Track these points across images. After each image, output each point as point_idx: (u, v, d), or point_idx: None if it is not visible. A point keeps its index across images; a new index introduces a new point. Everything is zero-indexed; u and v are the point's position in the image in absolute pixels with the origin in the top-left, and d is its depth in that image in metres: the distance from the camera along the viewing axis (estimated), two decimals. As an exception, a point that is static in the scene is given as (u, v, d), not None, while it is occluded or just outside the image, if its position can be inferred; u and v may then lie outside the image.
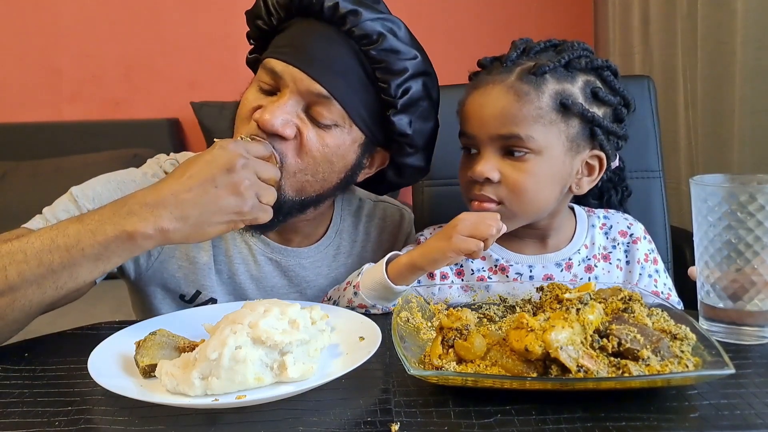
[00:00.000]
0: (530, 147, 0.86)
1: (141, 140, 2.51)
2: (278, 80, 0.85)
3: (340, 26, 0.85)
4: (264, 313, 0.64)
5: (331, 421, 0.56)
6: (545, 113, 0.86)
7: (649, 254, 0.98)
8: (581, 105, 0.87)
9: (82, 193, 0.91)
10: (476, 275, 0.97)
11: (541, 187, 0.88)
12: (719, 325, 0.71)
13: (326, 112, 0.85)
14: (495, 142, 0.88)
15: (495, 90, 0.88)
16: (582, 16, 2.62)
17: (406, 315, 0.72)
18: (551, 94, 0.86)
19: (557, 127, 0.87)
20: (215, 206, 0.72)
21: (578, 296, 0.66)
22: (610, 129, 0.89)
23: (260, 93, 0.88)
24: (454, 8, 2.62)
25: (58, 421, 0.57)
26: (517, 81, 0.87)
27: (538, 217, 0.93)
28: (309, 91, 0.84)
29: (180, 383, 0.59)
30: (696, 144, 1.80)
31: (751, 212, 0.67)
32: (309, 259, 1.02)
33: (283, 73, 0.84)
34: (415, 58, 0.87)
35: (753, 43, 1.54)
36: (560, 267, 0.96)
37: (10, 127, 2.59)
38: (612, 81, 0.90)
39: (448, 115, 0.99)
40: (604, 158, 0.91)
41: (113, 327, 0.76)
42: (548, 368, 0.57)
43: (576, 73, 0.89)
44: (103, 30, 2.63)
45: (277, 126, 0.82)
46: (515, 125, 0.86)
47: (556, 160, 0.88)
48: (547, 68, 0.86)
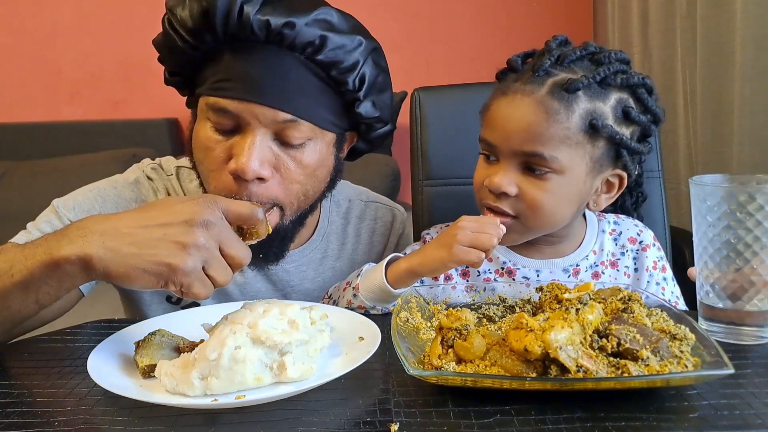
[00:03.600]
0: (553, 167, 0.83)
1: (140, 140, 2.51)
2: (237, 119, 0.80)
3: (279, 44, 0.79)
4: (263, 313, 0.64)
5: (330, 421, 0.56)
6: (573, 134, 0.82)
7: (658, 262, 0.97)
8: (611, 127, 0.82)
9: (63, 204, 0.92)
10: (482, 277, 0.97)
11: (558, 205, 0.85)
12: (718, 325, 0.71)
13: (297, 133, 0.81)
14: (517, 156, 0.84)
15: (524, 103, 0.83)
16: (581, 16, 2.62)
17: (406, 315, 0.71)
18: (581, 113, 0.82)
19: (583, 149, 0.83)
20: (150, 251, 0.62)
21: (578, 296, 0.66)
22: (636, 149, 0.86)
23: (218, 134, 0.82)
24: (453, 8, 2.62)
25: (58, 421, 0.57)
26: (548, 96, 0.82)
27: (551, 231, 0.91)
28: (274, 121, 0.80)
29: (179, 383, 0.59)
30: (695, 144, 1.81)
31: (750, 212, 0.67)
32: (293, 264, 1.01)
33: (242, 111, 0.79)
34: (360, 45, 0.83)
35: (752, 43, 1.54)
36: (568, 273, 0.96)
37: (9, 127, 2.59)
38: (646, 99, 0.86)
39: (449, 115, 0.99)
40: (625, 177, 0.88)
41: (113, 327, 0.76)
42: (547, 368, 0.57)
43: (610, 90, 0.84)
44: (102, 30, 2.63)
45: (257, 170, 0.79)
46: (540, 144, 0.82)
47: (577, 180, 0.85)
48: (582, 84, 0.81)
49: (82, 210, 0.92)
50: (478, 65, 2.50)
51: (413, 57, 2.59)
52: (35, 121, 2.61)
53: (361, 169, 0.99)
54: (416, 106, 1.26)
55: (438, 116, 1.25)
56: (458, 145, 1.23)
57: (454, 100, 1.29)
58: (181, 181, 1.00)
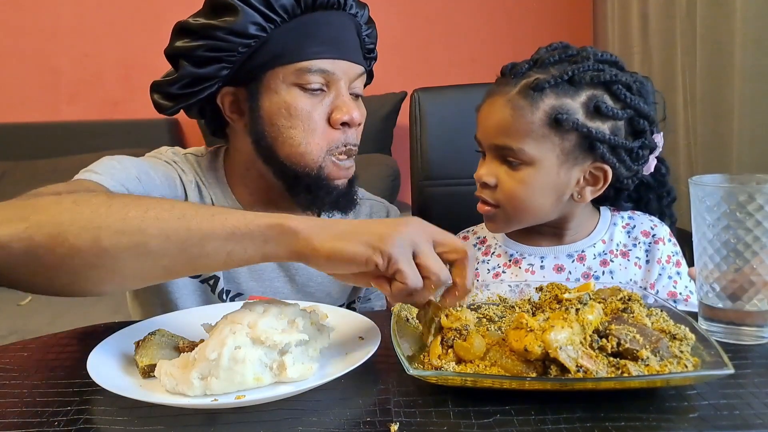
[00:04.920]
0: (523, 159, 0.90)
1: (140, 140, 2.51)
2: (329, 76, 0.91)
3: (344, 8, 0.93)
4: (263, 313, 0.64)
5: (330, 421, 0.56)
6: (537, 128, 0.88)
7: (672, 256, 0.98)
8: (576, 120, 0.87)
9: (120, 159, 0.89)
10: (492, 273, 1.00)
11: (534, 195, 0.91)
12: (718, 325, 0.71)
13: (360, 84, 0.97)
14: (494, 150, 0.93)
15: (497, 101, 0.92)
16: (581, 15, 2.62)
17: (406, 315, 0.72)
18: (546, 109, 0.88)
19: (551, 141, 0.89)
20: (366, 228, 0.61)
21: (577, 296, 0.66)
22: (615, 143, 0.89)
23: (310, 96, 0.91)
24: (453, 8, 2.62)
25: (57, 421, 0.57)
26: (516, 95, 0.90)
27: (536, 221, 0.95)
28: (354, 75, 0.94)
29: (179, 383, 0.59)
30: (695, 144, 1.81)
31: (750, 212, 0.67)
32: None
33: (335, 69, 0.91)
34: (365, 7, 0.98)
35: (752, 43, 1.54)
36: (572, 258, 0.98)
37: (9, 127, 2.59)
38: (622, 94, 0.90)
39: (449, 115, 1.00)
40: (609, 170, 0.91)
41: (113, 327, 0.76)
42: (547, 368, 0.57)
43: (582, 87, 0.89)
44: (102, 30, 2.63)
45: (359, 118, 0.93)
46: (508, 137, 0.90)
47: (549, 171, 0.90)
48: (547, 84, 0.88)
49: (141, 170, 0.89)
50: (478, 65, 2.50)
51: (413, 57, 2.59)
52: (35, 121, 2.61)
53: (361, 170, 1.00)
54: (416, 107, 1.27)
55: (438, 116, 1.25)
56: (458, 146, 1.23)
57: (454, 100, 1.29)
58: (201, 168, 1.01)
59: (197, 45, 0.88)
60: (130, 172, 0.86)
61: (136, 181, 0.86)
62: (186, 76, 0.89)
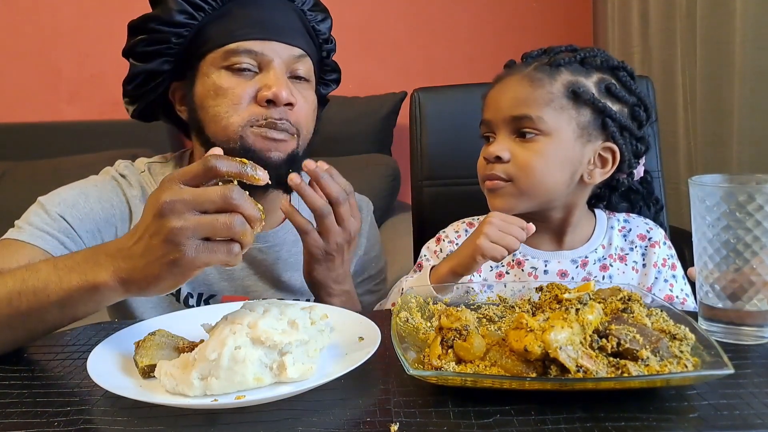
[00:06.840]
0: (540, 128, 0.90)
1: (140, 140, 2.50)
2: (259, 58, 0.91)
3: None
4: (263, 314, 0.64)
5: (330, 422, 0.56)
6: (556, 98, 0.91)
7: (668, 259, 0.99)
8: (593, 95, 0.91)
9: (47, 200, 0.92)
10: (494, 271, 1.00)
11: (549, 168, 0.92)
12: (718, 325, 0.71)
13: (303, 68, 0.95)
14: (508, 124, 0.93)
15: (512, 80, 0.95)
16: (581, 15, 2.62)
17: (406, 315, 0.71)
18: (564, 82, 0.91)
19: (568, 113, 0.91)
20: (153, 257, 0.62)
21: (577, 296, 0.66)
22: (624, 123, 0.93)
23: (239, 77, 0.91)
24: (453, 8, 2.62)
25: (57, 422, 0.57)
26: (533, 70, 0.93)
27: (547, 199, 0.95)
28: (291, 56, 0.93)
29: (179, 383, 0.59)
30: (695, 144, 1.80)
31: (749, 212, 0.67)
32: (267, 244, 1.03)
33: (264, 49, 0.91)
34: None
35: (752, 43, 1.53)
36: (576, 264, 0.98)
37: (9, 127, 2.59)
38: (627, 81, 0.95)
39: (449, 115, 1.00)
40: (617, 152, 0.94)
41: (112, 327, 0.76)
42: (547, 368, 0.57)
43: (591, 70, 0.94)
44: (102, 30, 2.62)
45: (288, 96, 0.90)
46: (527, 107, 0.91)
47: (566, 144, 0.91)
48: (563, 62, 0.92)
49: (68, 204, 0.92)
50: (478, 65, 2.49)
51: (413, 57, 2.59)
52: (35, 121, 2.61)
53: (361, 169, 1.00)
54: (416, 107, 1.26)
55: (438, 116, 1.25)
56: (458, 145, 1.23)
57: (453, 100, 1.29)
58: (154, 175, 1.02)
59: (138, 40, 0.93)
60: (51, 215, 0.90)
61: (60, 219, 0.90)
62: (137, 74, 0.93)
